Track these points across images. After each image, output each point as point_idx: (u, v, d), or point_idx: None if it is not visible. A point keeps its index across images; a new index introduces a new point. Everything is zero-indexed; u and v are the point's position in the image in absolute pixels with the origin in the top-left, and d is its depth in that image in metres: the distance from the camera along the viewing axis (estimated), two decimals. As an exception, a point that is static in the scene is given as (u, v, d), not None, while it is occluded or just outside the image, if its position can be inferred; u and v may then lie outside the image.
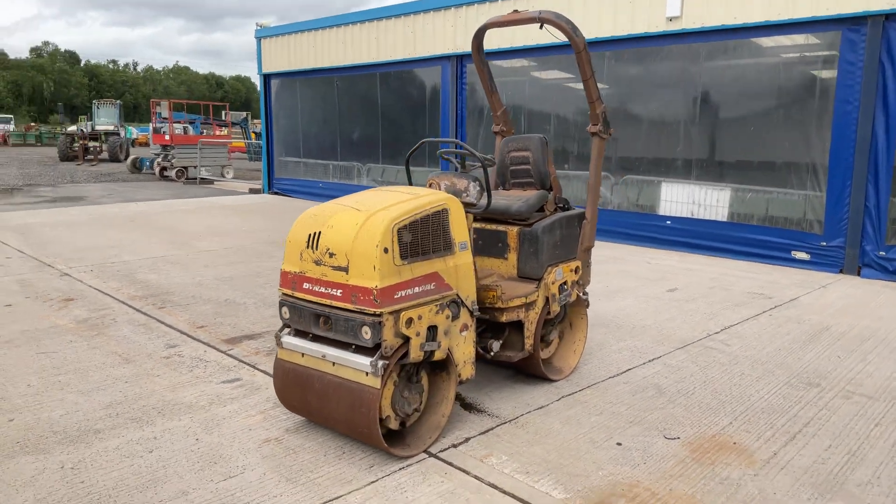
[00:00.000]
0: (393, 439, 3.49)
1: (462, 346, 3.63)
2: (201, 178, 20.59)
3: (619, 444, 3.56)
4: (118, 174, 23.55)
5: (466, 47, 11.54)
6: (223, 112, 31.76)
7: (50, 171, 24.42)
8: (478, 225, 4.46)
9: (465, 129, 11.90)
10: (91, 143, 29.60)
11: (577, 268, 4.41)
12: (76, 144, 29.54)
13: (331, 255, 3.30)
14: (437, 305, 3.39)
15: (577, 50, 4.17)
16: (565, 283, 4.32)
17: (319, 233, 3.37)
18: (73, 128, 35.27)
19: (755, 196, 8.73)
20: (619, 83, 9.87)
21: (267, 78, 16.58)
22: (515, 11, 4.32)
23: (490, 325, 4.15)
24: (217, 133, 26.95)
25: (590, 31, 9.65)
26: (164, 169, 21.69)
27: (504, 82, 11.00)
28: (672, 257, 8.88)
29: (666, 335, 5.43)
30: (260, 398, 4.14)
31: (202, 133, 26.30)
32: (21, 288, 6.84)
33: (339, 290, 3.27)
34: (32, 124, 50.52)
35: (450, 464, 3.35)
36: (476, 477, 3.22)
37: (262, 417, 3.88)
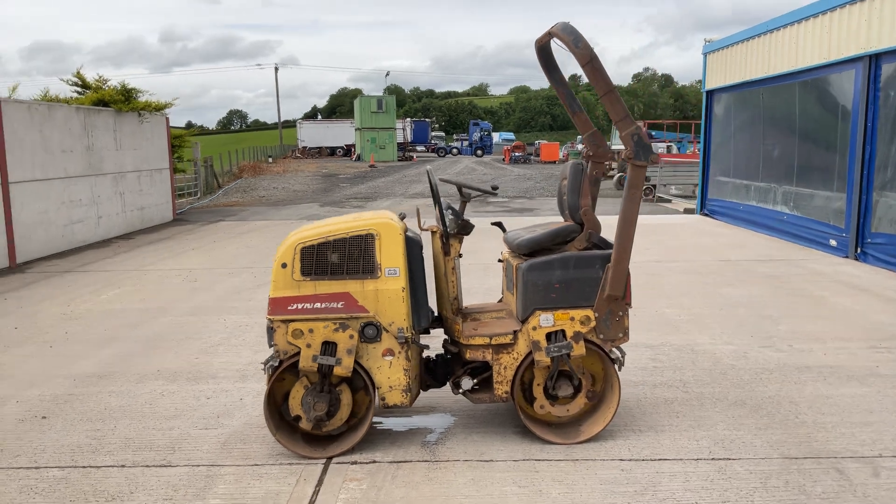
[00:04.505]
0: (319, 441, 3.84)
1: (386, 371, 3.69)
2: (658, 197, 20.95)
3: (475, 518, 3.08)
4: (606, 191, 25.69)
5: (881, 43, 9.12)
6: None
7: (553, 185, 28.28)
8: (505, 256, 4.19)
9: (876, 144, 9.39)
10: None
11: (585, 318, 3.70)
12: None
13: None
14: (335, 323, 3.59)
15: (581, 64, 3.51)
16: (560, 332, 3.70)
17: (280, 247, 3.98)
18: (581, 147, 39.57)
19: None
20: None
21: (709, 95, 15.95)
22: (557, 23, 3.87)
23: (483, 363, 3.92)
24: (691, 152, 26.66)
25: None
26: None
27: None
28: None
29: (802, 440, 3.84)
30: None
31: (690, 152, 26.43)
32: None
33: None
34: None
35: (322, 473, 3.54)
36: (315, 492, 3.36)
37: (298, 398, 4.63)
